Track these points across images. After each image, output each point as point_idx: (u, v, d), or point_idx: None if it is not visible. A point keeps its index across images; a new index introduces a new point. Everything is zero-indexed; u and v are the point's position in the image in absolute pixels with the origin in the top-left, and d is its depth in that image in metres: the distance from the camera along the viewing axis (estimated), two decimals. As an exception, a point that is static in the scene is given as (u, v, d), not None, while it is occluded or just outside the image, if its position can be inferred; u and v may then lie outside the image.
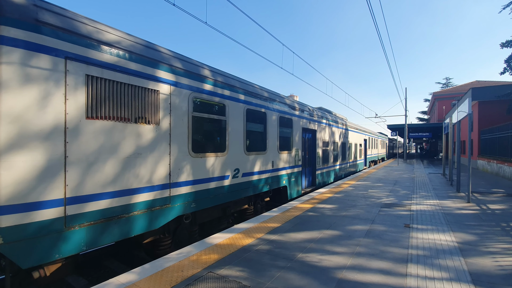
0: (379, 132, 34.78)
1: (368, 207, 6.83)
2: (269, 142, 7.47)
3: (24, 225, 2.90)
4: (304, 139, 9.97)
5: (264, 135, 7.31)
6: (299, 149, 9.31)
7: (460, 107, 9.09)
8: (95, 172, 3.52)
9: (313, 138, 10.89)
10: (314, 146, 10.87)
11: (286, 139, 8.49)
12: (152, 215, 4.25)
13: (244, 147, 6.40)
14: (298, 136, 9.28)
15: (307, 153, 10.33)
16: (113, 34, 3.88)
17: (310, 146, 10.67)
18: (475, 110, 18.71)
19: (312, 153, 10.87)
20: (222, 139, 5.82)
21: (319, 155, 11.21)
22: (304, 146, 9.94)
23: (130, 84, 3.96)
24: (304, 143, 10.02)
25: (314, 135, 10.88)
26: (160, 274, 3.26)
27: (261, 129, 7.22)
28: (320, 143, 11.31)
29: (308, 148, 10.44)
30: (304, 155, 10.07)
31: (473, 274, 3.28)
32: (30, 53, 2.98)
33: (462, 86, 39.15)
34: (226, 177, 5.81)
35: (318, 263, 3.59)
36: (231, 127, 6.03)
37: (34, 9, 3.07)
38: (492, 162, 15.05)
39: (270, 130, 7.53)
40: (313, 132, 10.87)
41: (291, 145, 8.76)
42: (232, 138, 6.03)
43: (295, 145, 9.02)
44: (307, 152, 10.38)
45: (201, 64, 5.57)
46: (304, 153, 10.07)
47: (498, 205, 7.08)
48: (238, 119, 6.24)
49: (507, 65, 15.06)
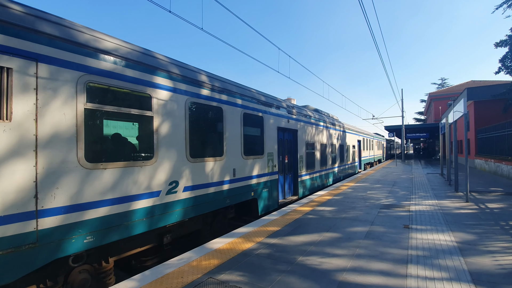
0: (375, 133, 33.67)
1: (367, 209, 6.83)
2: (228, 145, 5.98)
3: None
4: (281, 141, 8.58)
5: (220, 136, 5.83)
6: (274, 153, 7.90)
7: (455, 107, 9.17)
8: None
9: (294, 139, 9.47)
10: (295, 149, 9.45)
11: (255, 141, 7.08)
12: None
13: (186, 152, 4.87)
14: (273, 138, 7.86)
15: (286, 158, 8.92)
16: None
17: (290, 149, 9.27)
18: (471, 110, 18.86)
19: (293, 157, 9.44)
20: (146, 142, 4.30)
21: (302, 160, 9.78)
22: (281, 150, 8.58)
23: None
24: (282, 146, 8.63)
25: (295, 136, 9.47)
26: (160, 281, 3.25)
27: (216, 129, 5.76)
28: (302, 146, 9.88)
29: (287, 151, 9.07)
30: (282, 160, 8.69)
31: (473, 273, 3.29)
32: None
33: (458, 86, 39.47)
34: (155, 193, 4.26)
35: (318, 266, 3.59)
36: (164, 126, 4.51)
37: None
38: (489, 161, 15.14)
39: (229, 130, 6.03)
40: (294, 133, 9.46)
41: (262, 148, 7.36)
42: (164, 140, 4.50)
43: (268, 148, 7.61)
44: (286, 156, 8.98)
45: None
46: (282, 157, 8.69)
47: (496, 204, 7.11)
48: (175, 116, 4.73)
49: (502, 64, 15.25)
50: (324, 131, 12.25)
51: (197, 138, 5.24)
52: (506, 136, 12.40)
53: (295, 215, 6.37)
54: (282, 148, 8.63)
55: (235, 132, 6.25)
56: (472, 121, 18.69)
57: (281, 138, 8.59)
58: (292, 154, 9.43)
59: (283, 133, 8.76)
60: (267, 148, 7.54)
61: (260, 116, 7.32)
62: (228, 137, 6.01)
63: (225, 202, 5.82)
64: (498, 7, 15.28)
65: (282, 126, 8.46)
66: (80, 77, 3.43)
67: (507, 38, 14.62)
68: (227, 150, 5.93)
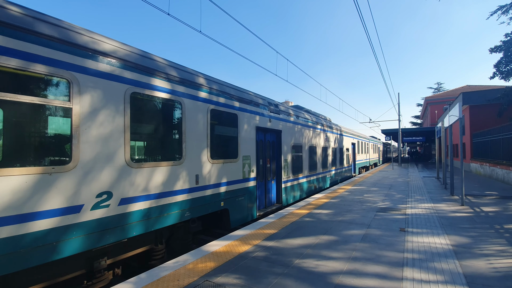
0: (371, 136, 33.12)
1: (364, 212, 6.86)
2: (189, 147, 5.04)
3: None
4: (261, 143, 7.73)
5: (178, 136, 4.89)
6: (252, 157, 6.97)
7: (451, 111, 9.27)
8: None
9: (278, 141, 8.59)
10: (279, 151, 8.56)
11: (226, 142, 6.19)
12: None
13: (125, 155, 3.91)
14: (250, 139, 6.94)
15: (267, 161, 8.07)
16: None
17: (273, 152, 8.43)
18: (466, 114, 19.06)
19: (276, 161, 8.57)
20: (64, 142, 3.42)
21: (287, 164, 8.84)
22: (261, 152, 7.72)
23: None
24: (262, 148, 7.80)
25: (279, 137, 8.58)
26: (156, 284, 3.23)
27: (171, 127, 4.84)
28: (288, 148, 8.97)
29: (269, 154, 8.19)
30: (263, 164, 7.84)
31: (468, 276, 3.31)
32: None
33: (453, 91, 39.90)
34: (77, 208, 3.34)
35: (314, 268, 3.59)
36: (88, 120, 3.52)
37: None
38: (484, 165, 15.28)
39: (191, 129, 5.10)
40: (278, 134, 8.59)
41: (236, 151, 6.43)
42: (91, 140, 3.54)
43: (244, 151, 6.68)
44: (268, 159, 8.11)
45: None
46: (263, 161, 7.85)
47: (491, 208, 7.17)
48: (108, 109, 3.76)
49: (497, 69, 15.45)
50: (313, 133, 11.41)
51: (143, 138, 4.40)
52: (501, 140, 12.54)
53: (292, 217, 6.37)
54: (263, 151, 7.83)
55: (199, 132, 5.28)
56: (468, 125, 18.88)
57: (261, 139, 7.75)
58: (276, 158, 8.59)
59: (264, 134, 7.91)
60: (242, 150, 6.62)
61: (233, 113, 6.38)
62: (189, 137, 5.04)
63: (184, 215, 4.86)
64: (493, 14, 15.53)
65: (263, 126, 7.61)
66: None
67: (501, 44, 14.84)
68: (187, 153, 4.98)
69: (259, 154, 7.55)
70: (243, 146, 6.68)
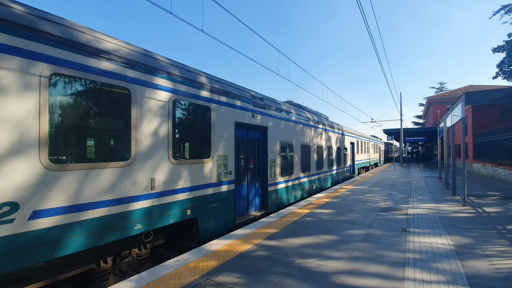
0: (372, 135, 32.20)
1: (365, 212, 6.85)
2: (142, 145, 4.22)
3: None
4: (242, 141, 6.96)
5: (126, 131, 4.05)
6: (229, 156, 6.16)
7: (453, 112, 9.23)
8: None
9: (264, 139, 7.82)
10: (265, 151, 7.77)
11: (195, 140, 5.42)
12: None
13: (39, 155, 3.07)
14: (227, 136, 6.13)
15: (250, 162, 7.28)
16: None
17: (258, 151, 7.67)
18: (468, 114, 18.97)
19: (262, 161, 7.79)
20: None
21: (274, 165, 8.04)
22: (242, 151, 6.94)
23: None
24: (244, 147, 7.02)
25: (265, 134, 7.79)
26: (157, 282, 3.24)
27: (116, 121, 4.04)
28: (276, 147, 8.18)
29: (252, 154, 7.42)
30: (245, 164, 7.04)
31: (470, 277, 3.30)
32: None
33: (456, 91, 39.75)
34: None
35: (316, 268, 3.59)
36: (5, 113, 2.85)
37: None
38: (487, 165, 15.22)
39: (144, 123, 4.28)
40: (263, 131, 7.79)
41: (209, 149, 5.60)
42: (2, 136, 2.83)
43: (219, 150, 5.88)
44: (252, 160, 7.35)
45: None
46: (245, 161, 7.04)
47: (493, 208, 7.14)
48: (24, 95, 3.00)
49: (499, 69, 15.37)
50: (307, 130, 10.52)
51: (71, 133, 3.50)
52: (503, 141, 12.48)
53: (293, 217, 6.37)
54: (244, 150, 7.04)
55: (156, 127, 4.48)
56: (470, 125, 18.80)
57: (242, 136, 6.95)
58: (261, 158, 7.76)
59: (246, 131, 7.11)
60: (217, 149, 5.80)
61: (205, 106, 5.53)
62: (141, 133, 4.23)
63: (134, 228, 4.05)
64: (496, 13, 15.44)
65: (245, 121, 6.77)
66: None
67: (504, 43, 14.76)
68: (138, 152, 4.15)
69: (239, 154, 6.78)
70: (218, 144, 5.87)
